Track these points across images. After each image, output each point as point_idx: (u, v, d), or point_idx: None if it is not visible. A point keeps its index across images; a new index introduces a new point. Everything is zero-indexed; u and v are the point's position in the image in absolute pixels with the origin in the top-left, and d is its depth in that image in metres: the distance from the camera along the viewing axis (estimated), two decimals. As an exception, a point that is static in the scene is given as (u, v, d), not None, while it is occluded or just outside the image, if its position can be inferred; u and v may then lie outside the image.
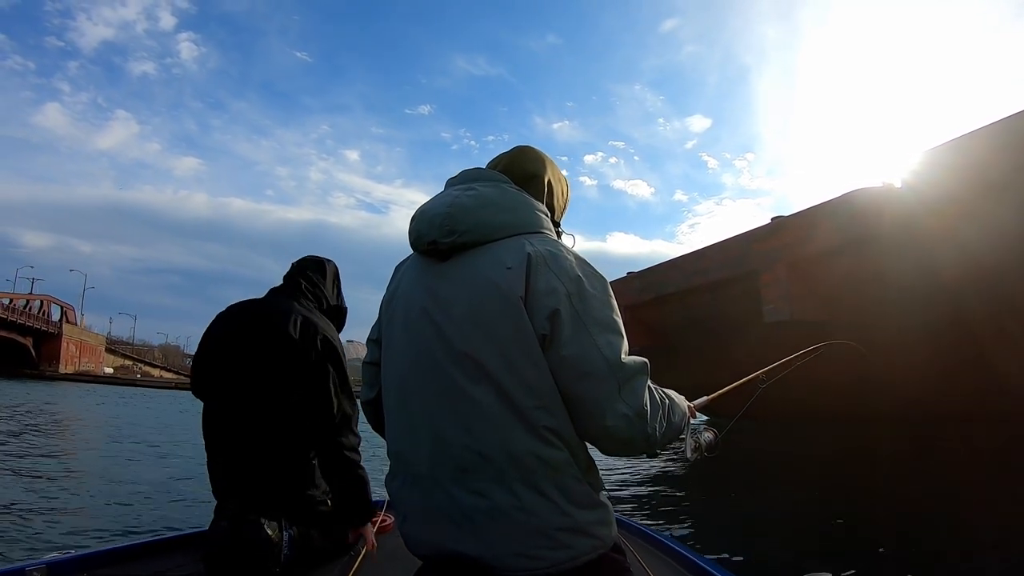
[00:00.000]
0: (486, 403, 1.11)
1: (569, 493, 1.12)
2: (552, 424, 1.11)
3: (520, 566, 1.09)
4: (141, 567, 2.00)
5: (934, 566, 4.17)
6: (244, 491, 1.99)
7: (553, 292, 1.10)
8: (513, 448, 1.10)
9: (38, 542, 4.30)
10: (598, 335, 1.09)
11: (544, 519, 1.10)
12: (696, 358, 13.17)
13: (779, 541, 4.78)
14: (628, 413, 1.09)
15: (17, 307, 58.85)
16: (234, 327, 2.14)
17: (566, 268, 1.12)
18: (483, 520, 1.10)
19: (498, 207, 1.20)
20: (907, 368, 9.68)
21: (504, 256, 1.14)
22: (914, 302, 9.33)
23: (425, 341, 1.18)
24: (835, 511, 5.59)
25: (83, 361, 63.92)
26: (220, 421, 2.08)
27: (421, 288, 1.23)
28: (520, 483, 1.10)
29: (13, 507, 5.32)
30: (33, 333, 59.29)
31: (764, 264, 10.65)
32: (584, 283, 1.12)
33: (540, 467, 1.10)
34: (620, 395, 1.09)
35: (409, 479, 1.19)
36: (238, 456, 2.03)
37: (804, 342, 8.68)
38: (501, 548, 1.10)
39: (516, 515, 1.09)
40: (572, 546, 1.11)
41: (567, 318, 1.09)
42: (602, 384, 1.08)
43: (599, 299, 1.12)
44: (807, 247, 10.25)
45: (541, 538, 1.10)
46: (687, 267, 11.96)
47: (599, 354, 1.08)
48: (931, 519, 5.27)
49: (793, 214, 10.98)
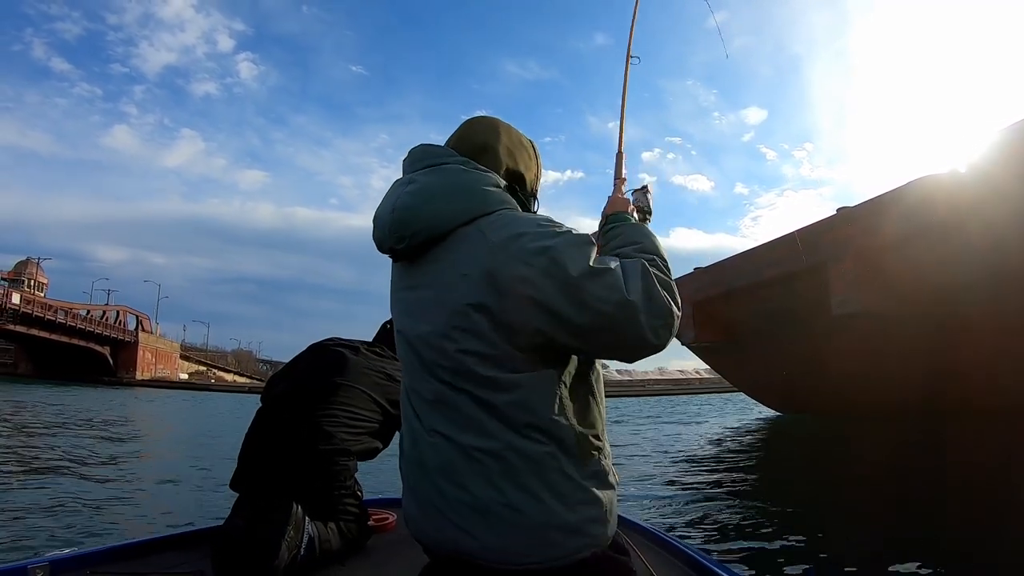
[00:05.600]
0: (463, 404, 1.12)
1: (555, 489, 1.10)
2: (532, 420, 1.10)
3: (506, 561, 1.10)
4: (146, 564, 1.94)
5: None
6: (267, 488, 2.01)
7: (524, 280, 1.07)
8: (492, 445, 1.10)
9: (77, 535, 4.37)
10: (592, 289, 1.07)
11: (529, 516, 1.09)
12: (764, 352, 13.12)
13: (796, 542, 4.47)
14: (660, 322, 1.10)
15: (95, 318, 60.98)
16: (317, 361, 2.29)
17: (527, 247, 1.09)
18: (469, 514, 1.10)
19: (442, 197, 1.17)
20: (979, 359, 9.50)
21: (458, 260, 1.13)
22: (985, 290, 9.02)
23: (410, 350, 1.22)
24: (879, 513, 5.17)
25: (159, 368, 65.54)
26: (262, 420, 2.17)
27: (396, 299, 1.29)
28: (503, 479, 1.09)
29: (53, 503, 5.42)
30: (110, 342, 61.32)
31: (832, 256, 10.53)
32: (551, 250, 1.08)
33: (521, 462, 1.09)
34: (646, 321, 1.08)
35: (412, 470, 1.22)
36: (266, 452, 2.08)
37: (872, 334, 9.28)
38: (489, 542, 1.10)
39: (500, 511, 1.09)
40: (560, 544, 1.10)
41: (554, 293, 1.06)
42: (628, 324, 1.08)
43: (571, 258, 1.08)
44: (874, 237, 10.09)
45: (527, 534, 1.09)
46: (755, 261, 11.92)
47: (606, 305, 1.07)
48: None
49: (858, 204, 10.82)
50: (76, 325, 57.24)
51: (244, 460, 2.11)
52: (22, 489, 6.06)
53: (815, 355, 11.63)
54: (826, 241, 10.77)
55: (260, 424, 2.16)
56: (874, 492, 6.17)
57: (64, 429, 12.66)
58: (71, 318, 57.14)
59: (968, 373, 9.69)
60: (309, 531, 1.92)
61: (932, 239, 9.22)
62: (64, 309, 57.24)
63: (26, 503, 5.38)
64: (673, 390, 54.25)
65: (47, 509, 5.17)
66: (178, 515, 5.19)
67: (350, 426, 2.12)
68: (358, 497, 2.19)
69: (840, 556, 4.12)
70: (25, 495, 5.76)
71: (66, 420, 14.76)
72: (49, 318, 54.24)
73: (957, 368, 9.68)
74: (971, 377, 9.73)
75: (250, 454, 2.11)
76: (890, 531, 4.70)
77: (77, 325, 57.38)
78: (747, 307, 12.60)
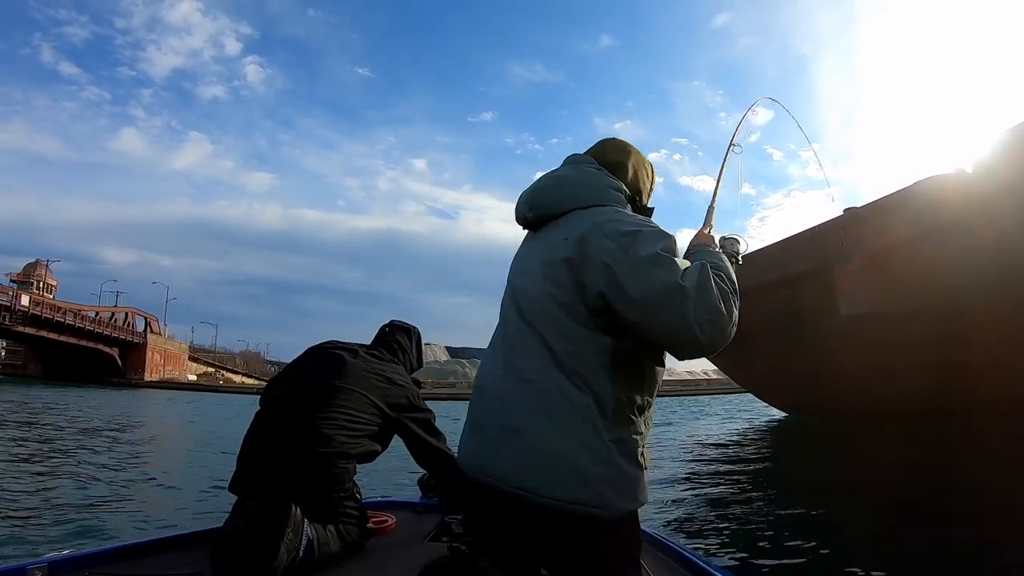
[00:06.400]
0: (530, 344, 1.33)
1: (582, 435, 1.24)
2: (580, 369, 1.27)
3: (526, 488, 1.24)
4: (145, 565, 1.94)
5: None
6: (266, 490, 2.01)
7: (605, 250, 1.27)
8: (545, 382, 1.28)
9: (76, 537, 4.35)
10: (654, 269, 1.23)
11: (552, 447, 1.24)
12: (772, 353, 13.03)
13: (799, 543, 4.45)
14: (707, 318, 1.21)
15: (103, 319, 61.22)
16: (317, 362, 2.31)
17: (618, 229, 1.29)
18: (504, 436, 1.29)
19: (572, 185, 1.44)
20: (988, 358, 9.43)
21: (567, 228, 1.36)
22: (994, 289, 9.00)
23: (507, 298, 1.47)
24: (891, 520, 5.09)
25: (167, 369, 65.63)
26: (262, 422, 2.17)
27: (515, 260, 1.54)
28: (543, 411, 1.26)
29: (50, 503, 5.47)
30: (119, 344, 61.46)
31: (839, 257, 10.52)
32: (635, 235, 1.28)
33: (562, 403, 1.25)
34: (693, 312, 1.20)
35: (473, 400, 1.45)
36: (266, 454, 2.08)
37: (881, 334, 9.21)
38: (517, 464, 1.26)
39: (530, 436, 1.26)
40: (571, 488, 1.22)
41: (622, 264, 1.25)
42: (679, 308, 1.20)
43: (647, 243, 1.26)
44: (881, 238, 10.10)
45: (544, 464, 1.23)
46: (762, 262, 11.82)
47: (661, 284, 1.22)
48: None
49: (865, 205, 10.80)
50: (85, 327, 57.43)
51: (243, 462, 2.11)
52: (22, 489, 6.07)
53: (823, 356, 11.58)
54: (833, 242, 10.74)
55: (259, 427, 2.16)
56: (881, 492, 6.20)
57: (69, 429, 12.75)
58: (80, 320, 57.34)
59: (978, 372, 9.63)
60: (308, 533, 1.92)
61: (939, 239, 9.20)
62: (73, 311, 57.43)
63: (25, 503, 5.39)
64: (681, 391, 54.05)
65: (46, 510, 5.17)
66: (177, 516, 5.20)
67: (349, 429, 2.12)
68: (357, 499, 2.19)
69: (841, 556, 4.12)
70: (25, 495, 5.78)
71: (72, 421, 14.86)
72: (58, 320, 54.42)
73: (967, 368, 9.62)
74: (981, 376, 9.67)
75: (249, 456, 2.11)
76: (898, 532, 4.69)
77: (86, 327, 57.58)
78: (754, 308, 12.54)
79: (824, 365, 11.77)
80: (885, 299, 10.03)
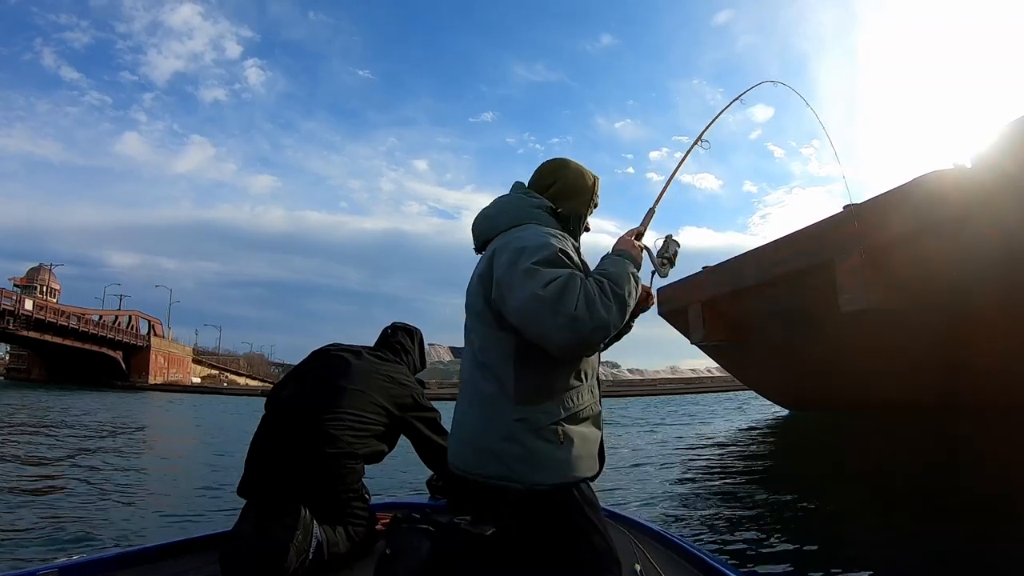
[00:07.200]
0: (467, 350, 1.61)
1: (493, 419, 1.46)
2: (488, 363, 1.51)
3: (465, 469, 1.50)
4: (155, 570, 1.96)
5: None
6: (275, 493, 2.02)
7: (499, 266, 1.47)
8: (469, 378, 1.56)
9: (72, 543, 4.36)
10: (526, 282, 1.39)
11: (473, 432, 1.51)
12: (775, 351, 13.05)
13: (802, 542, 4.44)
14: (564, 323, 1.34)
15: (107, 323, 61.40)
16: (323, 364, 2.34)
17: (514, 246, 1.48)
18: (455, 426, 1.60)
19: (501, 211, 1.67)
20: (992, 354, 9.37)
21: (490, 249, 1.58)
22: (997, 284, 8.90)
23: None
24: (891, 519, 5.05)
25: (171, 372, 65.87)
26: (268, 426, 2.19)
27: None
28: (467, 404, 1.55)
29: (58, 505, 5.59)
30: (123, 347, 61.72)
31: (839, 253, 10.47)
32: (521, 251, 1.45)
33: (477, 394, 1.52)
34: (552, 318, 1.35)
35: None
36: (273, 457, 2.09)
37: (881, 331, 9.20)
38: (460, 451, 1.54)
39: (463, 424, 1.55)
40: (489, 465, 1.45)
41: (505, 276, 1.44)
42: (540, 316, 1.36)
43: (527, 258, 1.42)
44: (881, 234, 10.00)
45: (472, 447, 1.50)
46: (762, 259, 11.88)
47: (526, 295, 1.38)
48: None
49: (864, 202, 10.67)
50: (88, 330, 57.59)
51: (251, 466, 2.12)
52: (32, 496, 6.12)
53: (825, 353, 11.59)
54: (833, 238, 10.73)
55: (266, 430, 2.18)
56: (883, 490, 6.24)
57: (76, 434, 12.80)
58: (83, 323, 57.52)
59: (980, 368, 9.63)
60: (317, 535, 1.94)
61: (939, 234, 9.17)
62: (76, 315, 57.58)
63: (35, 510, 5.43)
64: (684, 389, 54.05)
65: (56, 516, 5.21)
66: (186, 520, 5.23)
67: (356, 429, 2.15)
68: (365, 500, 2.22)
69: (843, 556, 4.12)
70: (35, 502, 5.82)
71: (78, 426, 14.92)
72: (61, 324, 54.59)
73: (969, 363, 9.61)
74: (984, 372, 9.66)
75: (257, 460, 2.12)
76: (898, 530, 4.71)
77: (89, 330, 57.74)
78: (756, 305, 12.56)
79: (825, 362, 11.79)
80: (885, 295, 9.99)
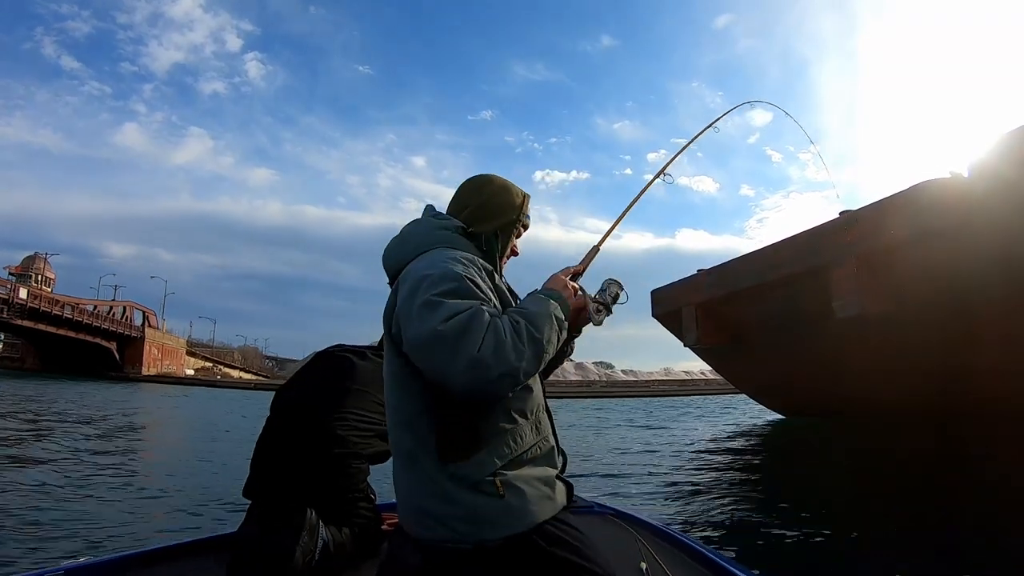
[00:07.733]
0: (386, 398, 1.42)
1: (421, 479, 1.27)
2: (401, 408, 1.34)
3: (407, 531, 1.32)
4: (160, 571, 1.96)
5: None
6: (280, 494, 2.02)
7: (401, 297, 1.30)
8: (391, 428, 1.37)
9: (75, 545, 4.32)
10: (425, 314, 1.20)
11: (408, 496, 1.31)
12: (769, 355, 13.05)
13: (805, 541, 4.49)
14: (464, 366, 1.15)
15: (101, 313, 61.06)
16: (326, 367, 2.34)
17: (413, 273, 1.31)
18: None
19: (408, 239, 1.47)
20: (989, 361, 9.32)
21: (399, 279, 1.39)
22: (994, 294, 8.91)
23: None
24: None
25: (165, 363, 65.44)
26: (273, 427, 2.19)
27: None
28: (396, 455, 1.35)
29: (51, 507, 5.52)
30: (117, 337, 61.44)
31: (835, 259, 10.49)
32: (423, 279, 1.27)
33: (396, 448, 1.34)
34: (451, 358, 1.16)
35: None
36: (279, 459, 2.09)
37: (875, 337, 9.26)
38: (403, 516, 1.35)
39: (397, 484, 1.35)
40: (431, 528, 1.25)
41: (403, 312, 1.27)
42: (438, 355, 1.17)
43: (429, 287, 1.24)
44: (876, 241, 9.92)
45: (412, 511, 1.30)
46: (758, 263, 11.87)
47: (423, 330, 1.19)
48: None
49: (861, 208, 10.59)
50: (83, 320, 57.39)
51: (257, 467, 2.12)
52: (37, 498, 6.06)
53: (820, 358, 11.66)
54: (828, 243, 10.78)
55: (271, 431, 2.18)
56: (883, 490, 6.34)
57: (73, 429, 12.70)
58: (78, 313, 57.30)
59: (976, 374, 9.68)
60: (323, 536, 1.94)
61: (934, 242, 9.20)
62: (71, 304, 57.43)
63: (40, 512, 5.40)
64: (678, 391, 54.02)
65: (61, 519, 5.16)
66: (192, 522, 5.23)
67: (361, 429, 2.15)
68: (371, 501, 2.22)
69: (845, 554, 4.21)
70: (39, 504, 5.77)
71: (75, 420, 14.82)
72: (56, 313, 54.39)
73: (964, 369, 9.62)
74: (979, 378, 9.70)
75: (262, 461, 2.12)
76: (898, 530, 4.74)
77: (84, 320, 57.53)
78: (751, 309, 12.58)
79: (820, 367, 11.86)
80: (879, 302, 10.02)
